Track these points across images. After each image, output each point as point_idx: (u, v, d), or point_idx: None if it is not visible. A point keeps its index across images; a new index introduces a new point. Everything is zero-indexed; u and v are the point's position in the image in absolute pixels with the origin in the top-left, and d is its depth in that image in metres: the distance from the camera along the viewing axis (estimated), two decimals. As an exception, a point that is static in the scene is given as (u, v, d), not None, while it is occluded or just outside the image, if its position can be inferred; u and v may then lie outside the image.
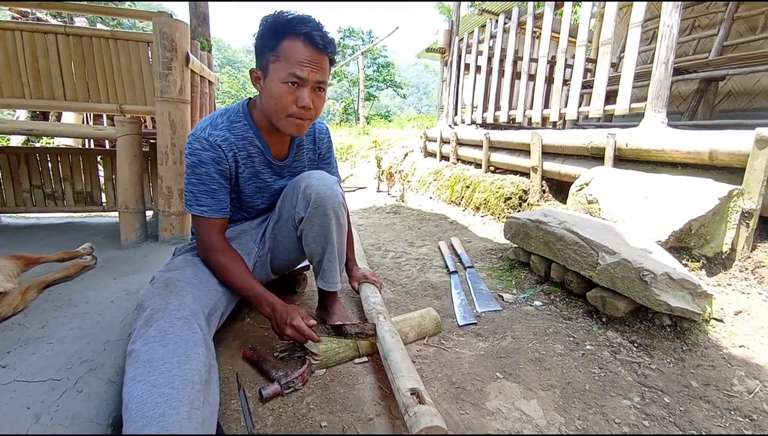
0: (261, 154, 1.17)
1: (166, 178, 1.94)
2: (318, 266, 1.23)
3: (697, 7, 4.01)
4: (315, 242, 1.18)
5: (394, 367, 0.93)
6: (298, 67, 0.99)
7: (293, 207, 1.18)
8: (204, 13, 3.40)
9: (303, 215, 1.15)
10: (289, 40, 0.99)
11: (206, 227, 1.09)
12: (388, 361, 0.97)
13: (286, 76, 1.00)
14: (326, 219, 1.15)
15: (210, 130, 1.07)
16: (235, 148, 1.11)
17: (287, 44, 0.99)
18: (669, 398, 0.98)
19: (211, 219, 1.09)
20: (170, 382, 0.71)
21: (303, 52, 1.00)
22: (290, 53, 0.99)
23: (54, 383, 0.88)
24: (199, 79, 2.21)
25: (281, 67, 1.00)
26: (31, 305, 1.24)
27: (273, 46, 1.00)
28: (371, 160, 6.53)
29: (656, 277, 1.15)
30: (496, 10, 8.12)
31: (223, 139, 1.08)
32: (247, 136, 1.13)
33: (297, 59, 0.99)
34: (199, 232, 1.09)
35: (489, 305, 1.49)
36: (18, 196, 2.52)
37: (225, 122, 1.10)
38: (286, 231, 1.23)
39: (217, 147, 1.07)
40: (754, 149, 1.52)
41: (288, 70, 0.99)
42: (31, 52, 2.04)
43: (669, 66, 2.14)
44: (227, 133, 1.09)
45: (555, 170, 2.70)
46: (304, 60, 1.00)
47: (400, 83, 22.84)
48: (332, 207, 1.14)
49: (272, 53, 1.00)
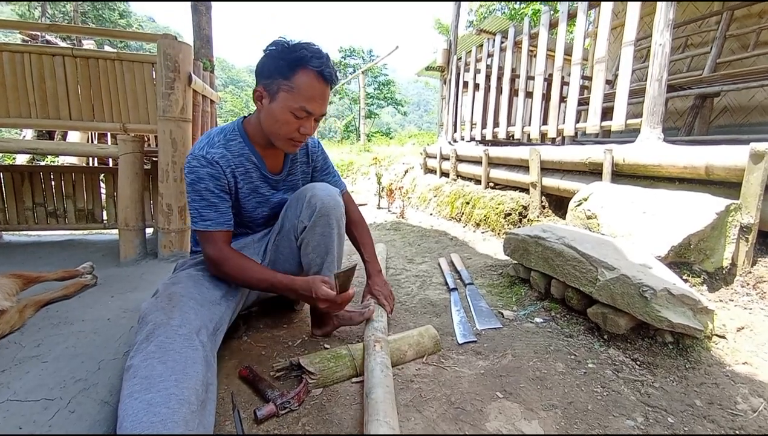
0: (257, 169, 1.20)
1: (166, 196, 1.96)
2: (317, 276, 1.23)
3: (689, 26, 4.10)
4: (315, 252, 1.20)
5: (372, 408, 0.86)
6: (310, 103, 1.06)
7: (296, 217, 1.21)
8: (207, 35, 3.50)
9: (306, 224, 1.18)
10: (303, 73, 1.04)
11: (213, 240, 1.10)
12: (368, 399, 0.90)
13: (297, 109, 1.05)
14: (329, 228, 1.18)
15: (207, 149, 1.10)
16: (233, 165, 1.14)
17: (301, 77, 1.04)
18: (673, 418, 0.95)
19: (216, 232, 1.10)
20: (167, 401, 0.70)
21: (315, 87, 1.05)
22: (304, 87, 1.04)
23: (47, 402, 0.87)
24: (201, 98, 2.25)
25: (293, 98, 1.05)
26: (28, 323, 1.24)
27: (287, 75, 1.04)
28: (372, 176, 6.58)
29: (656, 293, 1.14)
30: (493, 29, 8.32)
31: (221, 156, 1.11)
32: (243, 152, 1.16)
33: (310, 94, 1.05)
34: (207, 248, 1.10)
35: (489, 323, 1.47)
36: (20, 214, 2.54)
37: (221, 140, 1.14)
38: (287, 241, 1.25)
39: (215, 163, 1.09)
40: (750, 164, 1.53)
41: (300, 104, 1.05)
42: (38, 74, 2.09)
43: (663, 83, 2.17)
44: (224, 150, 1.12)
45: (554, 186, 2.71)
46: (316, 95, 1.06)
47: (401, 101, 23.23)
48: (336, 217, 1.19)
49: (285, 82, 1.04)
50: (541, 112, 3.34)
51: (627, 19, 2.37)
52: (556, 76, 3.09)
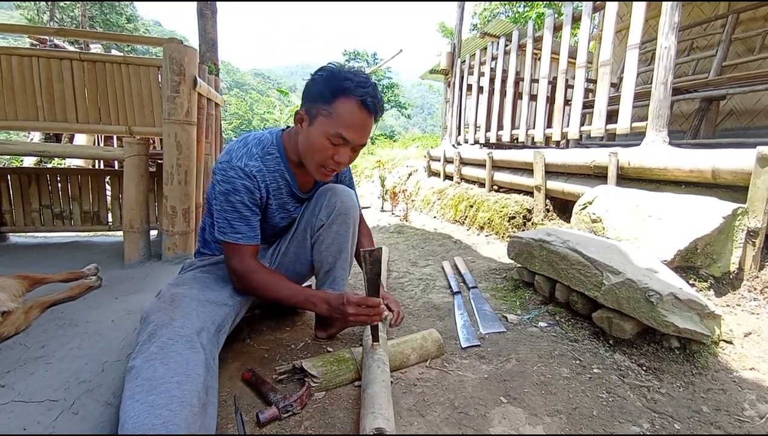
0: (288, 186, 1.20)
1: (170, 198, 1.97)
2: (328, 275, 1.26)
3: (695, 29, 4.09)
4: (329, 250, 1.23)
5: (367, 402, 0.87)
6: (347, 130, 1.02)
7: (314, 215, 1.23)
8: (213, 39, 3.54)
9: (324, 222, 1.21)
10: (345, 100, 1.01)
11: (240, 253, 1.09)
12: (365, 394, 0.91)
13: (333, 135, 1.02)
14: (345, 227, 1.21)
15: (246, 160, 1.09)
16: (268, 180, 1.13)
17: (342, 104, 1.01)
18: (679, 424, 0.94)
19: (245, 246, 1.10)
20: (168, 403, 0.70)
21: (355, 116, 1.02)
22: (343, 114, 1.01)
23: (51, 403, 0.87)
24: (206, 101, 2.27)
25: (331, 124, 1.02)
26: (33, 324, 1.24)
27: (328, 100, 1.02)
28: (375, 179, 6.58)
29: (662, 297, 1.13)
30: (497, 33, 8.33)
31: (258, 170, 1.10)
32: (279, 169, 1.16)
33: (348, 121, 1.02)
34: (233, 260, 1.09)
35: (493, 327, 1.46)
36: (27, 215, 2.57)
37: (259, 152, 1.12)
38: (300, 241, 1.27)
39: (252, 177, 1.09)
40: (756, 167, 1.52)
41: (336, 130, 1.02)
42: (46, 77, 2.11)
43: (668, 86, 2.16)
44: (261, 164, 1.11)
45: (558, 189, 2.70)
46: (355, 124, 1.03)
47: (405, 104, 23.27)
48: (353, 217, 1.23)
49: (325, 107, 1.02)
50: (545, 115, 3.33)
51: (632, 21, 2.37)
52: (560, 79, 3.08)
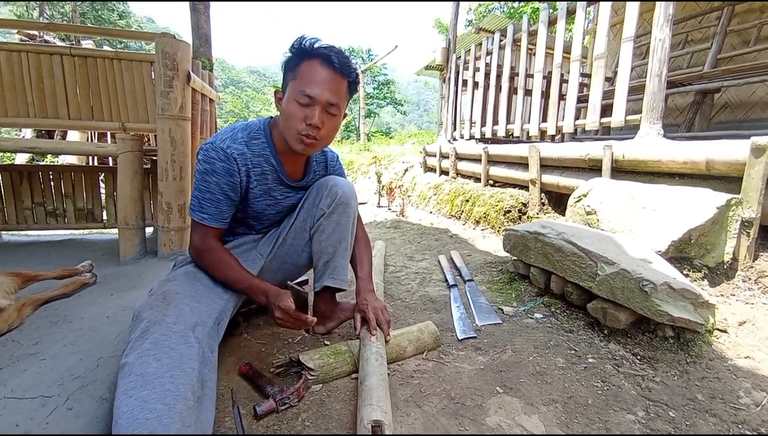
0: (275, 172, 1.19)
1: (166, 194, 1.96)
2: (327, 265, 1.25)
3: (689, 21, 4.09)
4: (329, 239, 1.23)
5: (365, 394, 0.87)
6: (309, 86, 1.03)
7: (315, 205, 1.23)
8: (206, 33, 3.49)
9: (325, 212, 1.21)
10: (308, 61, 1.04)
11: (203, 232, 1.11)
12: (362, 386, 0.91)
13: (298, 94, 1.03)
14: (346, 217, 1.22)
15: (229, 143, 1.09)
16: (249, 164, 1.13)
17: (305, 65, 1.04)
18: (674, 412, 0.95)
19: (209, 227, 1.11)
20: (162, 397, 0.69)
21: (318, 72, 1.03)
22: (306, 73, 1.03)
23: (44, 399, 0.86)
24: (200, 97, 2.25)
25: (296, 85, 1.04)
26: (27, 321, 1.23)
27: (292, 67, 1.05)
28: (372, 175, 6.57)
29: (656, 287, 1.14)
30: (492, 28, 8.31)
31: (240, 154, 1.10)
32: (264, 154, 1.15)
33: (311, 78, 1.03)
34: (195, 236, 1.12)
35: (489, 319, 1.47)
36: (20, 213, 2.54)
37: (245, 137, 1.13)
38: (299, 232, 1.26)
39: (232, 160, 1.08)
40: (751, 158, 1.53)
41: (300, 88, 1.03)
42: (36, 73, 2.09)
43: (662, 79, 2.17)
44: (245, 148, 1.11)
45: (553, 183, 2.70)
46: (317, 79, 1.03)
47: (401, 100, 23.20)
48: (353, 208, 1.24)
49: (291, 73, 1.05)
50: (540, 109, 3.33)
51: (626, 13, 2.37)
52: (555, 73, 3.08)
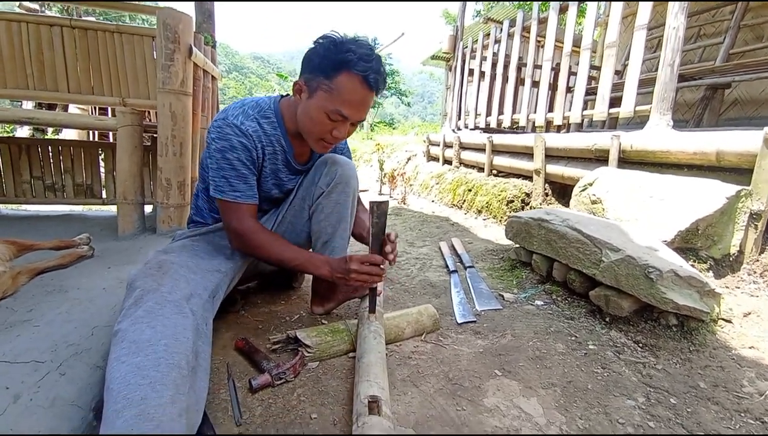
0: (284, 153, 1.16)
1: (165, 170, 1.93)
2: (326, 245, 1.22)
3: (702, 15, 4.01)
4: (328, 219, 1.19)
5: (362, 370, 0.86)
6: (346, 107, 0.98)
7: (314, 184, 1.19)
8: (209, 9, 3.43)
9: (324, 190, 1.17)
10: (347, 76, 0.96)
11: (239, 213, 1.06)
12: (360, 363, 0.91)
13: (332, 111, 0.98)
14: (345, 196, 1.18)
15: (242, 119, 1.05)
16: (264, 142, 1.10)
17: (344, 79, 0.96)
18: (676, 399, 0.93)
19: (244, 205, 1.07)
20: (156, 365, 0.68)
21: (357, 93, 0.98)
22: (344, 91, 0.97)
23: (37, 365, 0.85)
24: (201, 72, 2.21)
25: (330, 99, 0.98)
26: (22, 290, 1.22)
27: (329, 75, 0.97)
28: (374, 164, 6.53)
29: (662, 274, 1.11)
30: (500, 18, 8.18)
31: (254, 130, 1.06)
32: (275, 134, 1.12)
33: (349, 98, 0.97)
34: (231, 219, 1.06)
35: (489, 304, 1.45)
36: (18, 187, 2.52)
37: (256, 115, 1.08)
38: (298, 211, 1.24)
39: (249, 136, 1.05)
40: (763, 149, 1.49)
41: (336, 107, 0.98)
42: (36, 45, 2.05)
43: (675, 68, 2.12)
44: (257, 125, 1.08)
45: (558, 173, 2.67)
46: (355, 100, 0.98)
47: (405, 91, 22.96)
48: (353, 187, 1.20)
49: (326, 80, 0.97)
50: (547, 99, 3.28)
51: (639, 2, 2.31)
52: (564, 64, 3.02)
